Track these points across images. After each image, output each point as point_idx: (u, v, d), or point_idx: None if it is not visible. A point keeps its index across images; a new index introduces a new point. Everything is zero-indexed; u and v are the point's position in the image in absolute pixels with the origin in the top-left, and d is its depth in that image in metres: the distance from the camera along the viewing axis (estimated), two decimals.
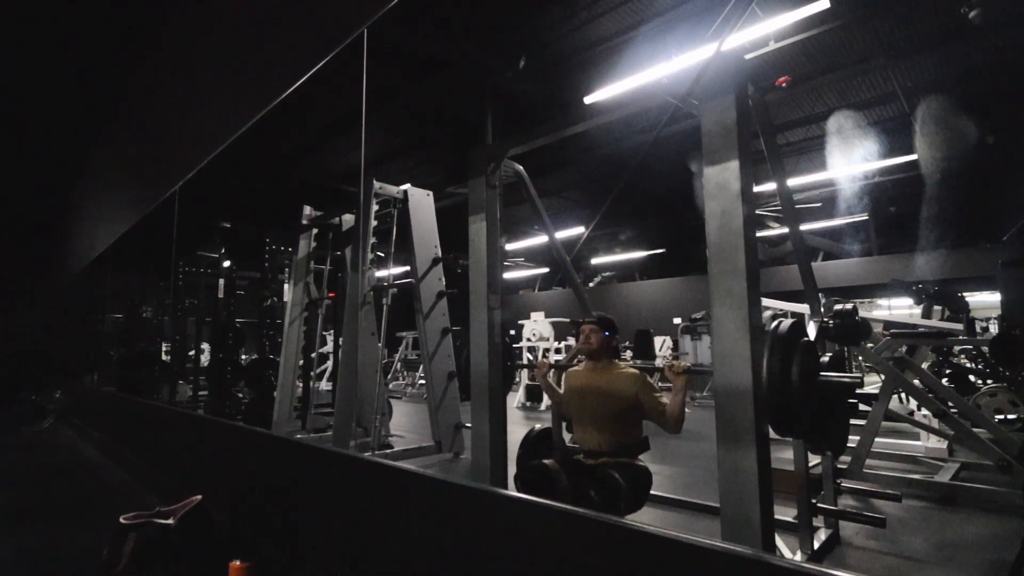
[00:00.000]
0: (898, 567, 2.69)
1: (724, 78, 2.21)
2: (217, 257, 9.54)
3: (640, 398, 2.45)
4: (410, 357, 13.37)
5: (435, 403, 5.48)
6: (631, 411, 2.47)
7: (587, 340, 2.61)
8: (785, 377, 2.03)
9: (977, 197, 10.64)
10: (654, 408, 2.42)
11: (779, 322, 2.15)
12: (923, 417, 4.77)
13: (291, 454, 2.65)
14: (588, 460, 2.54)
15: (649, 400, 2.44)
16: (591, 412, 2.53)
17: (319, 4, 2.76)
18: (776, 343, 2.07)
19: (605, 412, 2.49)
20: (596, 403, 2.52)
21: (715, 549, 1.09)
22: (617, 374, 2.55)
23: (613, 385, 2.51)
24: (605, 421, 2.49)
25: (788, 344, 2.08)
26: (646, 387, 2.48)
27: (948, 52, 7.00)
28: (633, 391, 2.46)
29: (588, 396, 2.56)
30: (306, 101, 7.21)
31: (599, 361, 2.61)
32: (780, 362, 2.04)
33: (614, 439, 2.48)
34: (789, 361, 2.05)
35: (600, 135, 9.00)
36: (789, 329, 2.12)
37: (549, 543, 1.41)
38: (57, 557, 2.86)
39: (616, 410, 2.47)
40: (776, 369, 2.03)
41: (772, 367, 2.04)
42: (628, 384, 2.49)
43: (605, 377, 2.56)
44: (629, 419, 2.49)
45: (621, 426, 2.49)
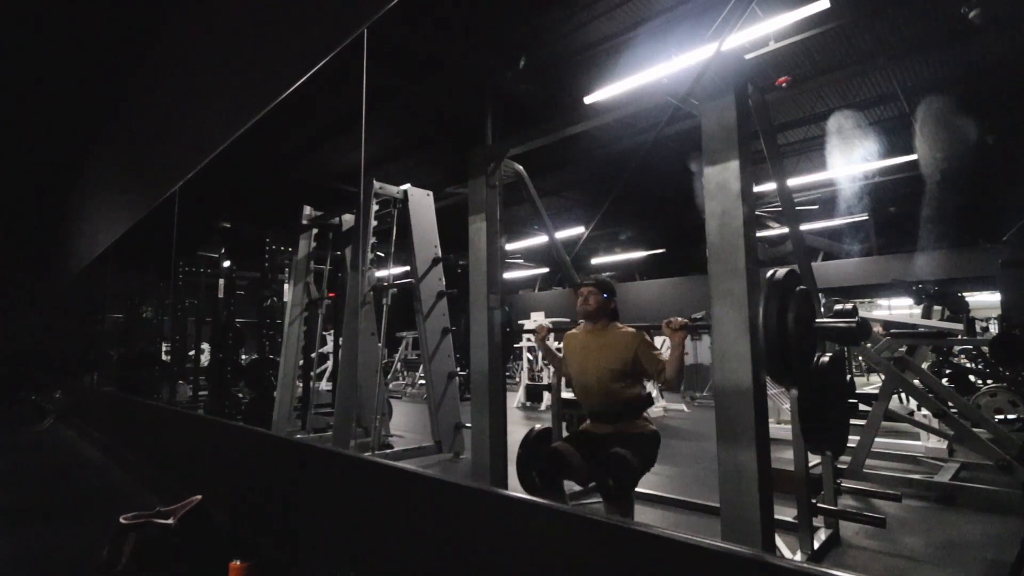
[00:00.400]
0: (898, 567, 2.69)
1: (724, 78, 2.21)
2: (217, 257, 9.55)
3: (639, 356, 2.48)
4: (410, 357, 13.37)
5: (435, 403, 5.48)
6: (631, 370, 2.50)
7: (585, 302, 2.64)
8: (782, 323, 2.05)
9: (977, 197, 10.64)
10: (653, 366, 2.46)
11: (775, 270, 2.18)
12: (923, 417, 4.77)
13: (291, 454, 2.65)
14: (594, 428, 2.57)
15: (648, 358, 2.47)
16: (591, 372, 2.56)
17: (319, 4, 2.76)
18: (772, 290, 2.09)
19: (605, 372, 2.51)
20: (596, 363, 2.54)
21: (715, 549, 1.09)
22: (616, 334, 2.58)
23: (612, 345, 2.54)
24: (605, 381, 2.52)
25: (784, 291, 2.10)
26: (644, 345, 2.51)
27: (948, 52, 7.00)
28: (632, 350, 2.49)
29: (588, 357, 2.59)
30: (306, 101, 7.21)
31: (597, 322, 2.64)
32: (777, 309, 2.06)
33: (616, 398, 2.51)
34: (785, 308, 2.07)
35: (600, 135, 9.00)
36: (785, 277, 2.15)
37: (549, 543, 1.41)
38: (57, 557, 2.86)
39: (616, 369, 2.50)
40: (773, 316, 2.05)
41: (769, 314, 2.05)
42: (627, 343, 2.52)
43: (604, 338, 2.58)
44: (629, 378, 2.52)
45: (622, 385, 2.51)
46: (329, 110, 7.94)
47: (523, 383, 9.65)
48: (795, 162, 10.49)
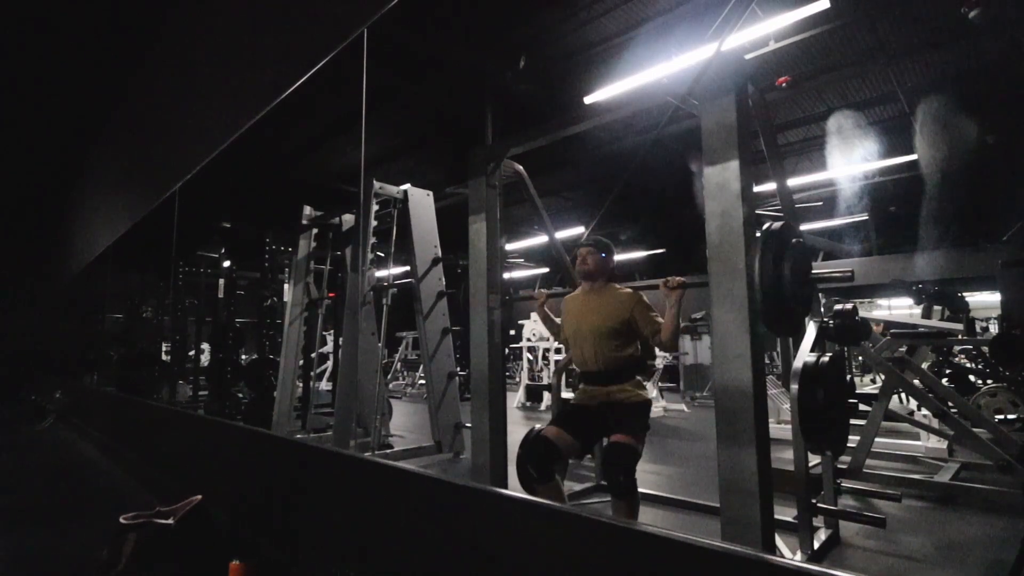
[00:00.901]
0: (898, 567, 2.69)
1: (724, 78, 2.21)
2: (217, 257, 9.55)
3: (635, 315, 2.49)
4: (410, 357, 13.38)
5: (435, 403, 5.48)
6: (627, 329, 2.51)
7: (583, 262, 2.64)
8: (778, 273, 2.08)
9: (977, 197, 10.63)
10: (649, 326, 2.47)
11: (771, 223, 2.20)
12: (923, 417, 4.76)
13: (291, 454, 2.65)
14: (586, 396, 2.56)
15: (644, 318, 2.48)
16: (588, 331, 2.57)
17: (319, 4, 2.76)
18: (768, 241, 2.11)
19: (601, 331, 2.52)
20: (593, 322, 2.56)
21: (715, 549, 1.09)
22: (613, 294, 2.59)
23: (609, 304, 2.55)
24: (601, 339, 2.53)
25: (780, 242, 2.13)
26: (641, 305, 2.52)
27: (948, 52, 7.00)
28: (628, 309, 2.50)
29: (584, 317, 2.60)
30: (306, 101, 7.21)
31: (595, 282, 2.65)
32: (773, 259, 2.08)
33: (610, 356, 2.51)
34: (781, 258, 2.10)
35: (600, 135, 9.00)
36: (781, 229, 2.17)
37: (549, 543, 1.41)
38: (57, 557, 2.86)
39: (612, 328, 2.51)
40: (769, 266, 2.07)
41: (765, 264, 2.07)
42: (623, 302, 2.53)
43: (601, 298, 2.60)
44: (624, 337, 2.53)
45: (617, 344, 2.52)
46: (329, 110, 7.94)
47: (523, 383, 9.65)
48: (795, 162, 10.49)
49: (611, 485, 2.38)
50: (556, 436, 2.47)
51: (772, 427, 4.53)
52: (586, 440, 2.54)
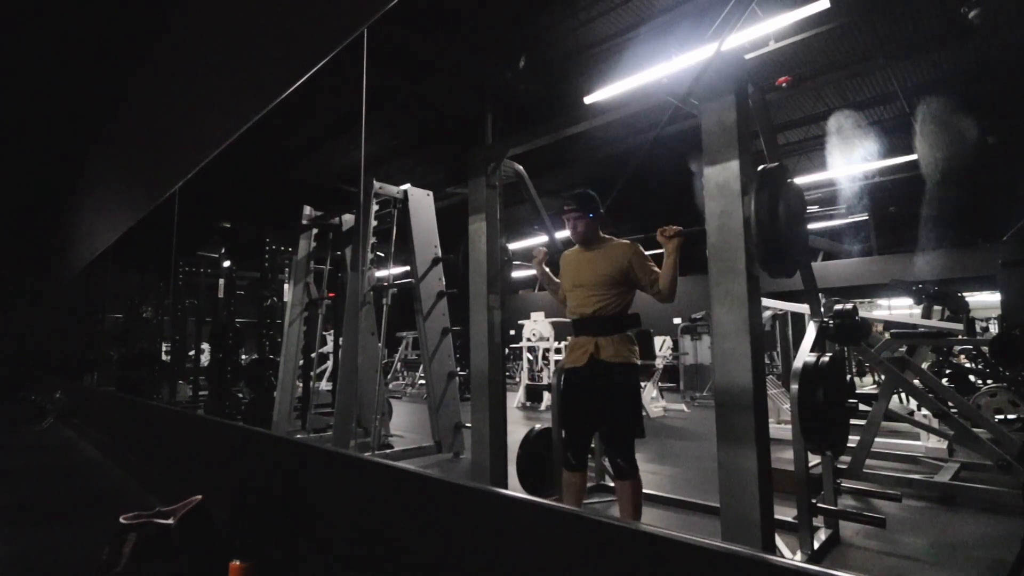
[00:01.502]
0: (898, 567, 2.69)
1: (724, 78, 2.21)
2: (217, 257, 9.54)
3: (632, 265, 2.52)
4: (410, 357, 13.37)
5: (435, 403, 5.48)
6: (624, 279, 2.54)
7: (574, 229, 2.67)
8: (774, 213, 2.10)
9: (977, 197, 10.63)
10: (647, 275, 2.50)
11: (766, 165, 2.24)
12: (923, 417, 4.76)
13: (291, 454, 2.65)
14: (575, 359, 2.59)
15: (642, 268, 2.51)
16: (585, 280, 2.60)
17: (319, 4, 2.76)
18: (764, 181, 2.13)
19: (599, 279, 2.55)
20: (590, 272, 2.59)
21: (715, 549, 1.09)
22: (611, 245, 2.63)
23: (607, 255, 2.59)
24: (598, 287, 2.55)
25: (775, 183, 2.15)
26: (639, 255, 2.55)
27: (948, 52, 7.01)
28: (626, 257, 2.53)
29: (582, 268, 2.63)
30: (306, 101, 7.21)
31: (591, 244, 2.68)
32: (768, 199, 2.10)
33: (604, 304, 2.54)
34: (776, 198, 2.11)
35: (600, 135, 9.00)
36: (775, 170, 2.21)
37: (549, 543, 1.41)
38: (57, 557, 2.86)
39: (610, 276, 2.53)
40: (764, 206, 2.09)
41: (760, 204, 2.09)
42: (622, 252, 2.56)
43: (599, 250, 2.63)
44: (621, 287, 2.55)
45: (614, 293, 2.55)
46: (329, 110, 7.94)
47: (523, 383, 9.65)
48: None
49: (613, 468, 2.46)
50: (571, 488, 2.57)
51: (772, 427, 4.54)
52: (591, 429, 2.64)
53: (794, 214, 2.18)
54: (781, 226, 2.11)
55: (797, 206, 2.25)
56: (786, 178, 2.25)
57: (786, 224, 2.12)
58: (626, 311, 2.59)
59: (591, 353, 2.53)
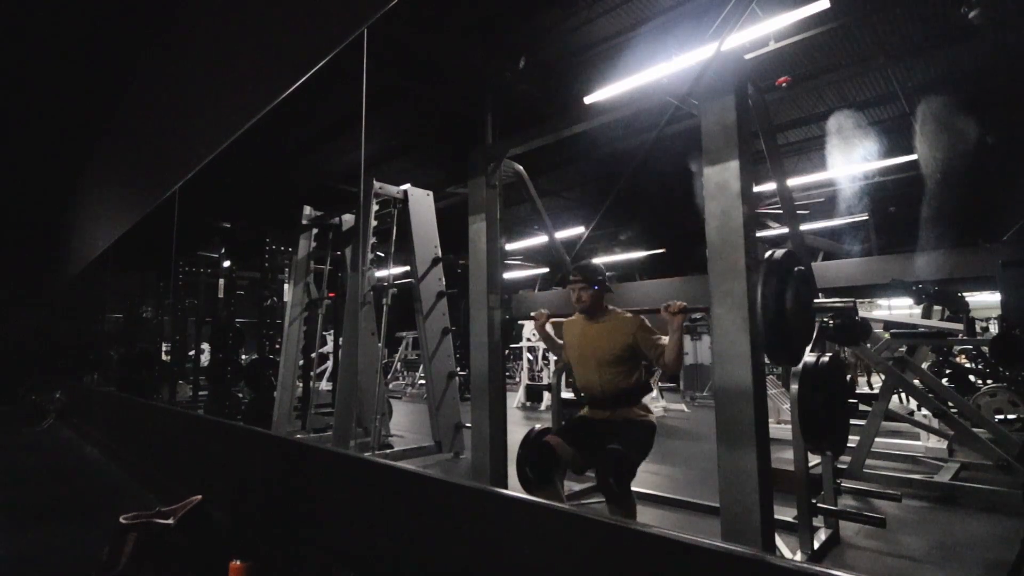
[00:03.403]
0: (898, 567, 2.69)
1: (724, 78, 2.21)
2: (217, 257, 9.54)
3: (638, 340, 2.50)
4: (410, 357, 13.37)
5: (435, 403, 5.48)
6: (630, 354, 2.52)
7: (578, 299, 2.65)
8: (780, 303, 2.06)
9: (977, 197, 10.63)
10: (652, 348, 2.48)
11: (773, 251, 2.19)
12: (923, 417, 4.76)
13: (291, 454, 2.65)
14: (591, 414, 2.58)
15: (647, 341, 2.49)
16: (591, 357, 2.58)
17: (319, 4, 2.76)
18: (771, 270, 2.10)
19: (605, 356, 2.54)
20: (596, 348, 2.57)
21: (715, 549, 1.09)
22: (614, 319, 2.60)
23: (612, 331, 2.56)
24: (605, 365, 2.54)
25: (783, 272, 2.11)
26: (644, 329, 2.53)
27: (948, 52, 7.00)
28: (631, 333, 2.51)
29: (587, 343, 2.61)
30: (307, 101, 7.21)
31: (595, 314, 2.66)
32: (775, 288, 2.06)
33: (615, 382, 2.53)
34: (784, 287, 2.08)
35: (600, 135, 8.99)
36: (783, 257, 2.16)
37: (549, 543, 1.41)
38: (57, 557, 2.86)
39: (615, 354, 2.52)
40: (771, 295, 2.06)
41: (767, 293, 2.06)
42: (626, 327, 2.54)
43: (603, 323, 2.61)
44: (628, 362, 2.54)
45: (621, 369, 2.53)
46: (329, 110, 7.94)
47: (523, 383, 9.65)
48: (795, 162, 10.49)
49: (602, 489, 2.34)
50: (559, 445, 2.49)
51: (772, 427, 4.54)
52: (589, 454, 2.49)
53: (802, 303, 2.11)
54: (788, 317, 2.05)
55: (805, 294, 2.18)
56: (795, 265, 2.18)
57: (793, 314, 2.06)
58: (638, 382, 2.58)
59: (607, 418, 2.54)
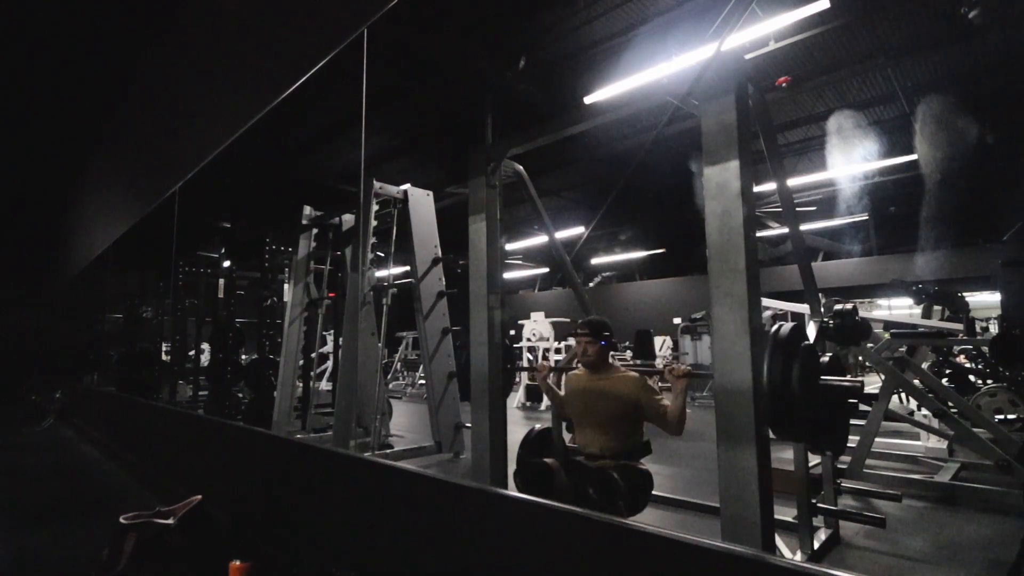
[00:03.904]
0: (898, 567, 2.69)
1: (724, 78, 2.21)
2: (217, 257, 9.55)
3: (641, 401, 2.46)
4: (410, 357, 13.37)
5: (435, 403, 5.48)
6: (632, 414, 2.49)
7: (585, 353, 2.60)
8: (786, 381, 2.02)
9: (977, 197, 10.64)
10: (655, 410, 2.44)
11: (780, 325, 2.14)
12: (923, 417, 4.76)
13: (291, 454, 2.65)
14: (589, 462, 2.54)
15: (650, 403, 2.45)
16: (593, 415, 2.55)
17: (319, 4, 2.76)
18: (777, 347, 2.06)
19: (606, 415, 2.51)
20: (597, 407, 2.54)
21: (715, 549, 1.09)
22: (618, 378, 2.56)
23: (614, 389, 2.52)
24: (607, 424, 2.51)
25: (789, 348, 2.07)
26: (647, 390, 2.49)
27: (948, 52, 7.01)
28: (634, 394, 2.47)
29: (589, 400, 2.58)
30: (307, 101, 7.21)
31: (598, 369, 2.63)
32: (781, 366, 2.02)
33: (616, 442, 2.49)
34: (790, 365, 2.03)
35: (600, 135, 9.00)
36: (790, 333, 2.11)
37: (549, 543, 1.41)
38: (57, 557, 2.86)
39: (617, 413, 2.49)
40: (777, 373, 2.02)
41: (773, 371, 2.02)
42: (629, 388, 2.50)
43: (606, 381, 2.57)
44: (630, 422, 2.51)
45: (622, 429, 2.50)
46: (329, 110, 7.94)
47: (523, 383, 9.65)
48: (795, 162, 10.49)
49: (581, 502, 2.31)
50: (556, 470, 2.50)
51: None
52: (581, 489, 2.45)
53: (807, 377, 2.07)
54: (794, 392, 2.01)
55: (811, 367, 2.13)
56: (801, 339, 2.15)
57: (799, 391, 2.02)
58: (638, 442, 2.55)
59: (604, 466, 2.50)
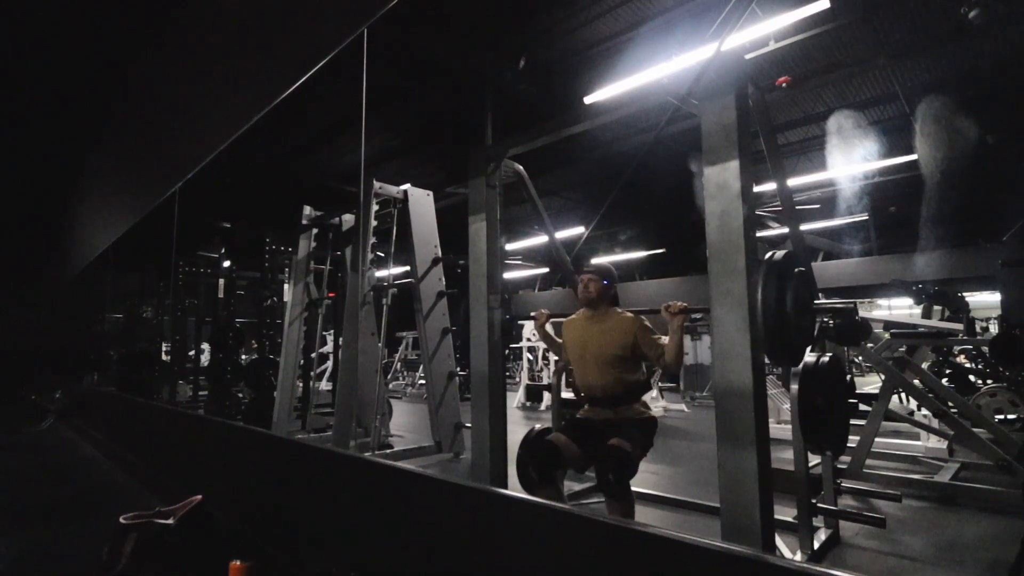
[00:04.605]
0: (898, 567, 2.69)
1: (724, 78, 2.21)
2: (217, 257, 9.55)
3: (639, 340, 2.51)
4: (410, 357, 13.37)
5: (435, 403, 5.48)
6: (630, 354, 2.53)
7: (586, 288, 2.66)
8: (780, 304, 2.06)
9: (977, 197, 10.63)
10: (653, 350, 2.49)
11: (773, 252, 2.19)
12: (923, 417, 4.76)
13: (291, 454, 2.65)
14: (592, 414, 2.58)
15: (647, 340, 2.50)
16: (592, 357, 2.59)
17: (319, 4, 2.76)
18: (771, 271, 2.10)
19: (605, 356, 2.54)
20: (596, 349, 2.57)
21: (715, 549, 1.09)
22: (615, 319, 2.61)
23: (612, 330, 2.57)
24: (606, 365, 2.55)
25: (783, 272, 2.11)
26: (644, 330, 2.54)
27: (948, 52, 7.00)
28: (631, 334, 2.52)
29: (588, 343, 2.62)
30: (307, 101, 7.21)
31: (597, 309, 2.66)
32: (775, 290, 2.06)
33: (615, 382, 2.54)
34: (784, 289, 2.08)
35: (600, 135, 9.00)
36: (783, 258, 2.16)
37: (549, 543, 1.41)
38: (57, 557, 2.86)
39: (616, 354, 2.53)
40: (771, 297, 2.05)
41: (767, 295, 2.06)
42: (626, 326, 2.55)
43: (603, 323, 2.61)
44: (629, 362, 2.55)
45: (621, 369, 2.54)
46: (329, 110, 7.94)
47: (523, 383, 9.65)
48: (795, 162, 10.49)
49: (601, 485, 2.39)
50: (562, 444, 2.49)
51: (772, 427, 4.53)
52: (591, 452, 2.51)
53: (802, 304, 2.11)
54: (788, 318, 2.05)
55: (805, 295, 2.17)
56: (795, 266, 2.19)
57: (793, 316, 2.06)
58: (638, 381, 2.59)
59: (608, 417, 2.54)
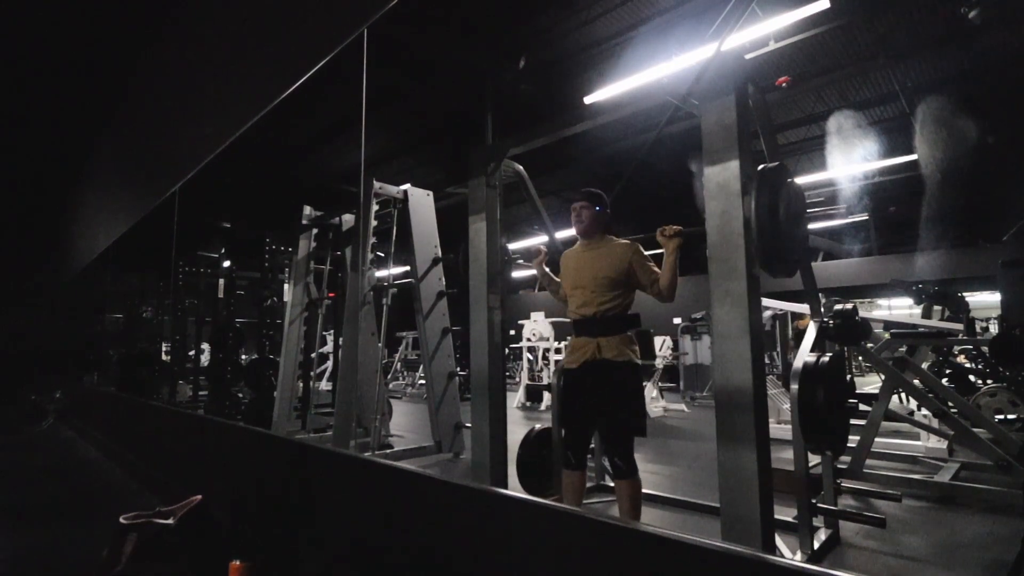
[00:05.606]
0: (898, 567, 2.69)
1: (724, 78, 2.21)
2: (217, 257, 9.55)
3: (633, 265, 2.52)
4: (410, 357, 13.37)
5: (435, 403, 5.48)
6: (624, 280, 2.54)
7: (579, 218, 2.66)
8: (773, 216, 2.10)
9: (977, 197, 10.64)
10: (647, 276, 2.51)
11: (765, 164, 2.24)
12: (923, 417, 4.76)
13: (291, 454, 2.65)
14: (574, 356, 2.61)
15: (642, 268, 2.52)
16: (586, 280, 2.60)
17: (319, 4, 2.76)
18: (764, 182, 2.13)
19: (599, 280, 2.56)
20: (591, 272, 2.59)
21: (715, 549, 1.09)
22: (610, 245, 2.63)
23: (607, 255, 2.58)
24: (599, 288, 2.56)
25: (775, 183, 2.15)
26: (639, 255, 2.56)
27: (948, 52, 7.01)
28: (626, 259, 2.54)
29: (583, 266, 2.63)
30: (307, 101, 7.22)
31: (592, 238, 2.67)
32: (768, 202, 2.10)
33: (606, 305, 2.54)
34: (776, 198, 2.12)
35: (600, 135, 9.00)
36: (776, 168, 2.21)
37: (549, 543, 1.41)
38: (57, 557, 2.86)
39: (610, 278, 2.54)
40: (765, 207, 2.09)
41: (760, 203, 2.09)
42: (622, 250, 2.57)
43: (599, 250, 2.63)
44: (622, 288, 2.56)
45: (614, 295, 2.55)
46: (329, 110, 7.94)
47: (523, 383, 9.64)
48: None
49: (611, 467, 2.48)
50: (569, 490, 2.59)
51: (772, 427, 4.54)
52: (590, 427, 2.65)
53: (794, 214, 2.19)
54: (781, 226, 2.11)
55: (797, 206, 2.25)
56: (786, 177, 2.25)
57: (786, 224, 2.13)
58: (627, 311, 2.60)
59: (592, 353, 2.53)
